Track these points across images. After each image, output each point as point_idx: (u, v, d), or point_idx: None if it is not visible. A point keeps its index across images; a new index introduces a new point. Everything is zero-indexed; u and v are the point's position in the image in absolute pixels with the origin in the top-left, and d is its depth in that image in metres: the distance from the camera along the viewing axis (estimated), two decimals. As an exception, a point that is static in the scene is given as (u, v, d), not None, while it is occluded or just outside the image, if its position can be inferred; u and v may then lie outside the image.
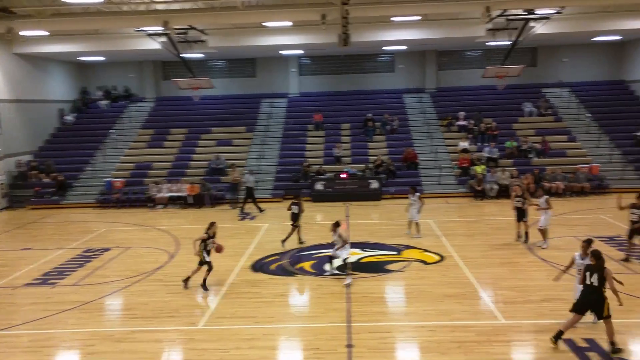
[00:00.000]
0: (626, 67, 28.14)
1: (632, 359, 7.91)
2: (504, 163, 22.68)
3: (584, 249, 8.92)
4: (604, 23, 22.14)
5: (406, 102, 28.36)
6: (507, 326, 9.13)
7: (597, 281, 7.99)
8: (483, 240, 14.92)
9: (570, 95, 27.52)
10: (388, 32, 22.60)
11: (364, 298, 10.68)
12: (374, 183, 21.80)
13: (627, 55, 27.99)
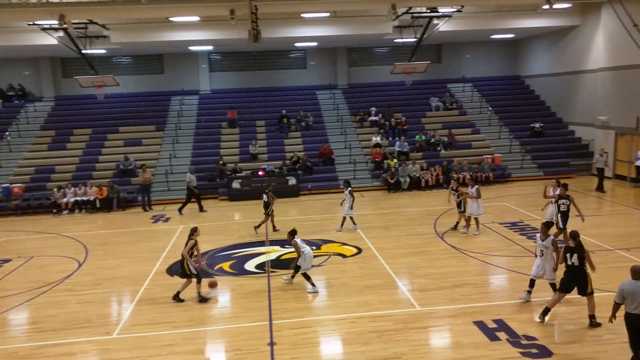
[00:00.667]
0: (521, 63, 30.34)
1: (537, 336, 8.46)
2: (415, 156, 23.57)
3: (543, 231, 9.53)
4: (499, 22, 23.68)
5: (319, 99, 28.63)
6: (423, 313, 9.47)
7: (577, 261, 8.53)
8: (398, 231, 15.40)
9: (473, 90, 29.18)
10: (299, 28, 22.64)
11: (286, 295, 10.63)
12: (291, 179, 21.81)
13: (521, 53, 30.18)
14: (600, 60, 22.62)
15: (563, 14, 23.59)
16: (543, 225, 9.75)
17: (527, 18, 23.48)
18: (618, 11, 15.54)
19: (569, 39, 25.08)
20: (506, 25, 23.84)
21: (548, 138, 25.18)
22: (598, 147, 22.67)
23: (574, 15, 23.77)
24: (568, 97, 25.70)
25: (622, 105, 21.16)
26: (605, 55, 22.22)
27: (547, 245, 9.38)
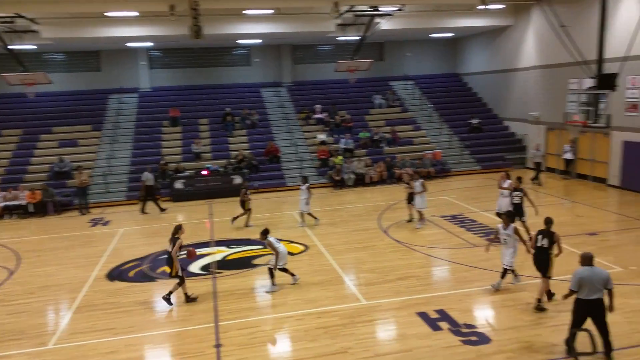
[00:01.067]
0: (459, 61, 31.38)
1: (476, 324, 8.80)
2: (359, 153, 23.90)
3: (505, 221, 9.96)
4: (438, 21, 24.38)
5: (264, 96, 28.47)
6: (369, 307, 9.63)
7: (547, 243, 8.98)
8: (344, 227, 15.56)
9: (414, 87, 29.90)
10: (242, 25, 22.40)
11: (232, 295, 10.51)
12: (237, 178, 21.55)
13: (459, 51, 31.21)
14: (531, 59, 23.75)
15: (497, 14, 24.59)
16: (505, 215, 10.31)
17: (464, 18, 24.31)
18: (546, 12, 16.36)
19: (503, 38, 26.18)
20: (444, 24, 24.58)
21: (485, 133, 26.19)
22: (531, 141, 23.82)
23: (507, 16, 24.83)
24: (503, 94, 26.82)
25: (552, 101, 22.32)
26: (536, 54, 23.36)
27: (509, 234, 9.86)
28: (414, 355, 7.79)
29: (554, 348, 7.71)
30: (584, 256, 7.38)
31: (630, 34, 15.02)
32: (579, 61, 14.84)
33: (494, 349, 7.83)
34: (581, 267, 7.30)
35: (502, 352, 7.72)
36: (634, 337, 7.90)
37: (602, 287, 7.16)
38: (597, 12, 14.87)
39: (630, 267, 10.80)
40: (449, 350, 7.84)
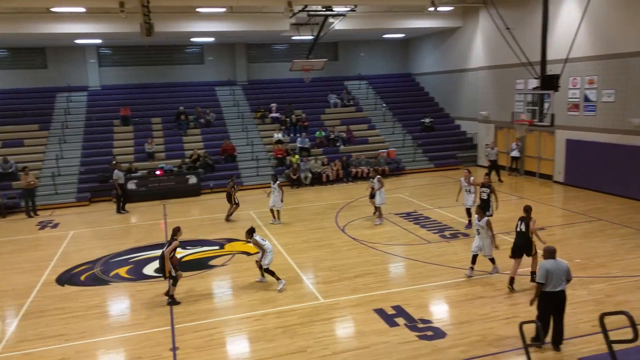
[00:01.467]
0: (411, 61, 32.01)
1: (432, 319, 9.05)
2: (316, 152, 24.02)
3: (478, 213, 10.77)
4: (390, 22, 24.81)
5: (219, 95, 28.14)
6: (327, 305, 9.72)
7: (524, 227, 9.85)
8: (302, 226, 15.61)
9: (368, 87, 30.29)
10: (194, 23, 22.03)
11: (189, 297, 10.37)
12: (191, 178, 21.22)
13: (411, 51, 31.85)
14: (480, 60, 24.52)
15: (446, 16, 25.25)
16: (478, 207, 11.12)
17: (415, 19, 24.82)
18: (493, 15, 16.94)
19: (452, 39, 26.90)
20: (396, 25, 25.03)
21: (437, 132, 26.83)
22: (481, 140, 24.59)
23: (456, 18, 25.54)
24: (453, 94, 27.56)
25: (500, 101, 23.13)
26: (484, 54, 24.13)
27: (482, 226, 10.48)
28: (372, 351, 7.93)
29: (506, 341, 8.01)
30: (548, 250, 7.64)
31: (571, 36, 15.78)
32: (524, 62, 15.45)
33: (449, 343, 8.07)
34: (546, 260, 7.54)
35: (457, 346, 7.97)
36: (580, 327, 8.31)
37: (565, 278, 7.47)
38: (540, 15, 15.50)
39: (575, 259, 11.34)
40: (405, 346, 8.02)
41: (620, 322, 5.75)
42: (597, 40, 17.84)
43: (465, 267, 11.06)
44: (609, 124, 17.69)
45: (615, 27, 17.12)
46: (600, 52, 17.77)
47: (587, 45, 18.04)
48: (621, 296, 9.49)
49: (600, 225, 14.22)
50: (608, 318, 5.78)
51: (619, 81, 17.21)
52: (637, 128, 16.61)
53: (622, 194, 17.16)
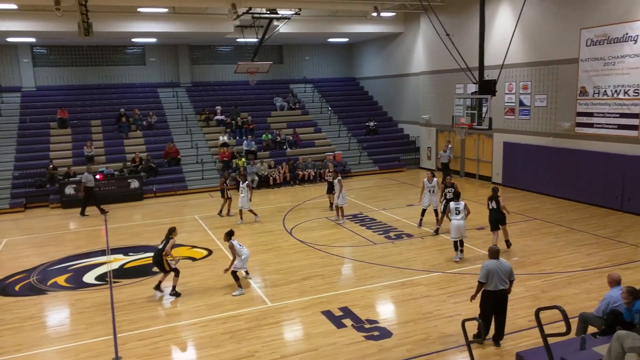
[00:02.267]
0: (355, 66, 32.49)
1: (378, 319, 9.21)
2: (262, 155, 23.90)
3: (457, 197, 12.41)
4: (334, 26, 25.12)
5: (162, 97, 27.47)
6: (275, 308, 9.69)
7: (495, 205, 12.12)
8: (248, 229, 15.49)
9: (314, 90, 30.48)
10: (135, 23, 21.44)
11: (132, 305, 10.05)
12: (133, 182, 20.58)
13: (355, 56, 32.33)
14: (421, 65, 25.22)
15: (389, 21, 25.83)
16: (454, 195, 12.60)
17: (359, 24, 25.25)
18: (433, 21, 17.48)
19: (395, 44, 27.53)
20: (340, 29, 25.38)
21: (381, 135, 27.37)
22: (423, 143, 25.27)
23: (398, 23, 26.18)
24: (396, 98, 28.21)
25: (441, 105, 23.89)
26: (425, 60, 24.85)
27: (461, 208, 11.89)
28: (319, 354, 7.97)
29: (449, 338, 8.26)
30: (492, 250, 7.95)
31: (506, 44, 16.54)
32: (463, 68, 16.03)
33: (395, 342, 8.24)
34: (489, 260, 7.84)
35: (403, 345, 8.14)
36: (517, 322, 8.69)
37: (507, 278, 7.76)
38: (478, 23, 16.15)
39: (513, 258, 11.86)
40: (352, 347, 8.11)
41: (555, 316, 6.07)
42: (530, 47, 18.79)
43: (409, 268, 11.35)
44: (542, 127, 18.67)
45: (546, 36, 18.10)
46: (533, 59, 18.74)
47: (521, 52, 18.97)
48: (555, 291, 10.01)
49: (536, 224, 14.95)
50: (543, 313, 6.09)
51: (550, 87, 18.20)
52: (567, 131, 17.61)
53: (554, 194, 18.13)
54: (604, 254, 12.13)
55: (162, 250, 10.43)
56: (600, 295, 7.84)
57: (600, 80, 16.30)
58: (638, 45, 15.01)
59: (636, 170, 15.38)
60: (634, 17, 15.09)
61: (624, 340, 5.34)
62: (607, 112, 16.20)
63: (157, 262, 10.55)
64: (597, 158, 16.50)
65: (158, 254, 10.46)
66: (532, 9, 18.03)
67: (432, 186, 14.63)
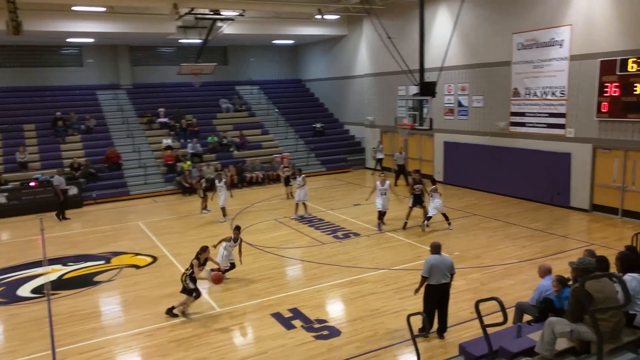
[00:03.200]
0: (301, 68, 32.62)
1: (327, 318, 9.31)
2: (208, 158, 23.55)
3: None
4: (279, 28, 25.12)
5: (101, 99, 26.51)
6: (223, 313, 9.60)
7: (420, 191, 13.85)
8: (195, 234, 15.22)
9: (260, 92, 30.34)
10: (70, 22, 20.57)
11: (71, 318, 9.66)
12: (72, 189, 19.72)
13: (301, 58, 32.45)
14: (365, 67, 25.66)
15: (333, 24, 26.11)
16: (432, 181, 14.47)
17: (304, 26, 25.39)
18: (375, 24, 17.86)
19: (339, 47, 27.86)
20: (285, 31, 25.39)
21: (328, 137, 27.62)
22: (368, 144, 25.69)
23: (342, 26, 26.51)
24: (342, 100, 28.55)
25: (384, 106, 24.40)
26: (369, 62, 25.30)
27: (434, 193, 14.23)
28: (269, 356, 7.97)
29: (396, 333, 8.47)
30: (434, 245, 8.22)
31: (445, 47, 17.13)
32: (404, 70, 16.46)
33: (344, 340, 8.36)
34: (431, 255, 8.10)
35: (352, 342, 8.28)
36: (460, 315, 9.02)
37: (448, 272, 8.05)
38: (417, 26, 16.63)
39: (455, 252, 12.28)
40: (302, 347, 8.17)
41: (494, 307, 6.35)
42: (467, 51, 19.53)
43: (357, 266, 11.57)
44: (480, 127, 19.44)
45: (482, 40, 18.87)
46: (470, 62, 19.49)
47: (459, 55, 19.68)
48: (494, 283, 10.48)
49: (475, 219, 15.57)
50: (483, 304, 6.36)
51: (486, 88, 19.00)
52: (502, 130, 18.42)
53: (491, 191, 18.94)
54: (537, 246, 12.81)
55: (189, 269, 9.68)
56: (534, 285, 8.26)
57: (530, 82, 17.17)
58: (564, 49, 15.94)
59: (564, 166, 16.32)
60: (559, 22, 16.01)
61: (554, 326, 5.67)
62: (537, 112, 17.09)
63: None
64: (529, 155, 17.38)
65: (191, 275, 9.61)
66: (468, 14, 18.75)
67: (384, 189, 14.78)
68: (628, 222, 14.58)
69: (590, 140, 15.53)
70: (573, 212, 15.97)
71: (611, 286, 5.63)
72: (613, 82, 14.50)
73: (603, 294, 5.44)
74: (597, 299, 5.37)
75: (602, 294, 5.43)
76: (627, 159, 14.73)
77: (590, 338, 5.56)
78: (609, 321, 5.48)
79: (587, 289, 5.34)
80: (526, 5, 17.04)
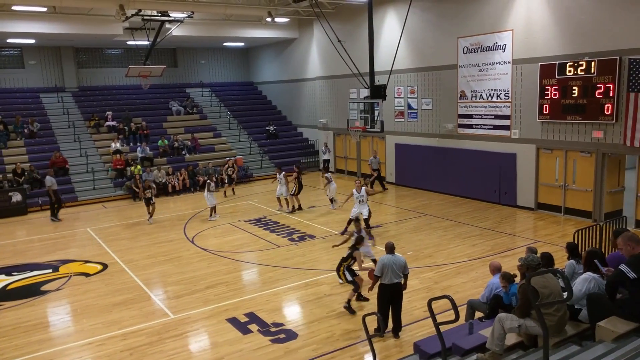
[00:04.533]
0: (252, 70, 32.45)
1: (284, 322, 9.32)
2: (159, 161, 23.05)
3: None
4: (230, 30, 24.91)
5: (45, 102, 25.47)
6: (177, 320, 9.45)
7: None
8: (147, 240, 14.90)
9: (211, 94, 29.98)
10: (9, 22, 19.69)
11: (16, 330, 9.26)
12: (15, 195, 18.86)
13: (252, 60, 32.29)
14: (316, 70, 25.83)
15: (284, 27, 26.13)
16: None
17: (254, 29, 25.25)
18: (325, 28, 18.01)
19: (290, 49, 27.92)
20: (236, 34, 25.21)
21: (281, 139, 27.60)
22: (320, 145, 25.85)
23: (292, 29, 26.58)
24: (294, 102, 28.61)
25: (337, 109, 24.65)
26: (320, 65, 25.48)
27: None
28: (226, 361, 7.93)
29: (352, 334, 8.59)
30: (388, 245, 8.42)
31: (394, 50, 17.50)
32: (355, 73, 16.69)
33: (301, 343, 8.40)
34: (384, 255, 8.29)
35: (309, 345, 8.33)
36: (414, 313, 9.24)
37: (401, 272, 8.24)
38: (367, 30, 16.90)
39: (408, 252, 12.58)
40: (259, 352, 8.15)
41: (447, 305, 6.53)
42: (415, 54, 20.02)
43: (313, 268, 11.66)
44: (429, 129, 19.96)
45: (429, 44, 19.39)
46: (418, 65, 19.99)
47: (407, 59, 20.14)
48: (446, 282, 10.80)
49: (427, 219, 15.98)
50: (436, 302, 6.55)
51: (435, 91, 19.53)
52: (450, 132, 19.00)
53: (442, 191, 19.47)
54: (486, 244, 13.29)
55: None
56: (484, 282, 8.59)
57: (476, 85, 17.80)
58: (506, 53, 16.62)
59: (510, 166, 17.01)
60: (501, 27, 16.68)
61: (504, 322, 5.92)
62: (483, 114, 17.74)
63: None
64: (477, 156, 18.00)
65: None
66: (416, 18, 19.21)
67: (360, 196, 14.35)
68: (570, 219, 15.34)
69: (534, 141, 16.25)
70: (520, 211, 16.64)
71: (555, 281, 5.92)
72: (553, 85, 15.25)
73: (548, 289, 5.71)
74: (542, 294, 5.63)
75: (546, 289, 5.70)
76: (568, 158, 15.50)
77: (537, 332, 5.84)
78: (554, 315, 5.78)
79: (533, 285, 5.60)
80: (470, 10, 17.64)
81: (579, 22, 14.49)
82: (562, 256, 10.43)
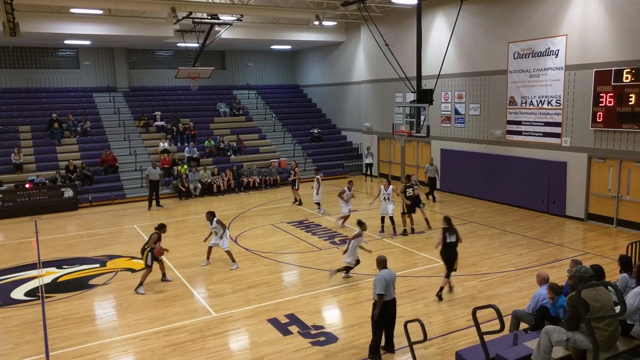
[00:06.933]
0: (298, 73, 32.68)
1: (324, 324, 9.29)
2: (205, 162, 23.51)
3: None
4: (277, 34, 25.16)
5: (97, 102, 26.46)
6: (219, 319, 9.56)
7: (454, 239, 10.12)
8: (191, 239, 15.19)
9: (257, 97, 30.37)
10: (67, 24, 20.55)
11: (65, 321, 9.60)
12: (67, 191, 19.66)
13: (298, 63, 32.53)
14: (362, 74, 25.74)
15: (331, 30, 26.20)
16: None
17: (302, 32, 25.44)
18: (373, 31, 17.93)
19: (337, 53, 27.95)
20: (283, 37, 25.44)
21: (325, 142, 27.64)
22: (365, 150, 25.72)
23: (340, 33, 26.60)
24: (339, 106, 28.60)
25: (382, 113, 24.47)
26: (366, 69, 25.39)
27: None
28: (266, 361, 7.95)
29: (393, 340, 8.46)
30: (381, 260, 8.02)
31: (442, 55, 17.22)
32: (402, 77, 16.51)
33: (341, 347, 8.34)
34: (382, 270, 7.85)
35: (348, 349, 8.25)
36: (457, 322, 9.02)
37: (394, 286, 7.92)
38: (415, 34, 16.70)
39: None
40: (299, 353, 8.14)
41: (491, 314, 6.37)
42: (464, 59, 19.64)
43: (354, 272, 11.54)
44: (476, 135, 19.52)
45: (478, 48, 18.98)
46: (467, 70, 19.59)
47: (455, 64, 19.78)
48: (491, 291, 10.49)
49: (472, 227, 15.60)
50: (480, 312, 6.38)
51: (483, 97, 19.09)
52: (498, 139, 18.51)
53: (487, 198, 18.99)
54: (533, 254, 12.84)
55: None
56: (531, 293, 8.28)
57: (526, 91, 17.28)
58: (559, 58, 16.06)
59: (559, 175, 16.40)
60: (554, 32, 16.14)
61: (551, 334, 5.69)
62: (533, 121, 17.19)
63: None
64: (526, 164, 17.45)
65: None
66: (465, 22, 18.87)
67: (387, 194, 14.78)
68: (623, 231, 14.66)
69: (585, 149, 15.63)
70: (569, 221, 16.03)
71: (607, 295, 5.65)
72: (608, 92, 14.62)
73: (599, 302, 5.46)
74: (593, 307, 5.39)
75: (598, 303, 5.45)
76: (622, 168, 14.83)
77: (586, 347, 5.58)
78: (605, 330, 5.51)
79: (584, 298, 5.36)
80: (522, 14, 17.17)
81: (638, 27, 13.84)
82: (613, 269, 9.99)
